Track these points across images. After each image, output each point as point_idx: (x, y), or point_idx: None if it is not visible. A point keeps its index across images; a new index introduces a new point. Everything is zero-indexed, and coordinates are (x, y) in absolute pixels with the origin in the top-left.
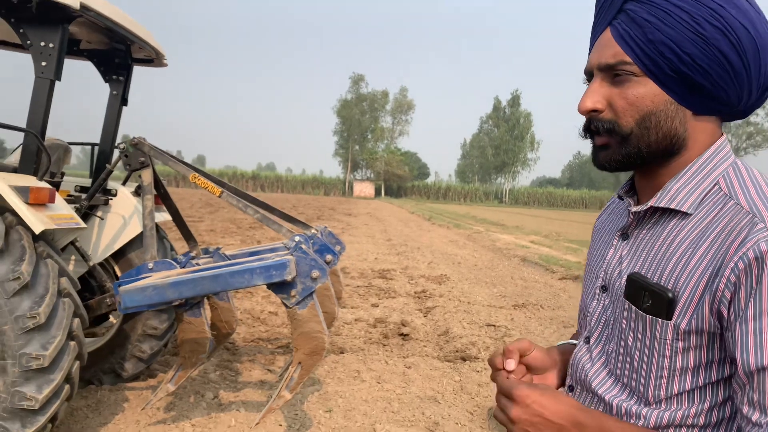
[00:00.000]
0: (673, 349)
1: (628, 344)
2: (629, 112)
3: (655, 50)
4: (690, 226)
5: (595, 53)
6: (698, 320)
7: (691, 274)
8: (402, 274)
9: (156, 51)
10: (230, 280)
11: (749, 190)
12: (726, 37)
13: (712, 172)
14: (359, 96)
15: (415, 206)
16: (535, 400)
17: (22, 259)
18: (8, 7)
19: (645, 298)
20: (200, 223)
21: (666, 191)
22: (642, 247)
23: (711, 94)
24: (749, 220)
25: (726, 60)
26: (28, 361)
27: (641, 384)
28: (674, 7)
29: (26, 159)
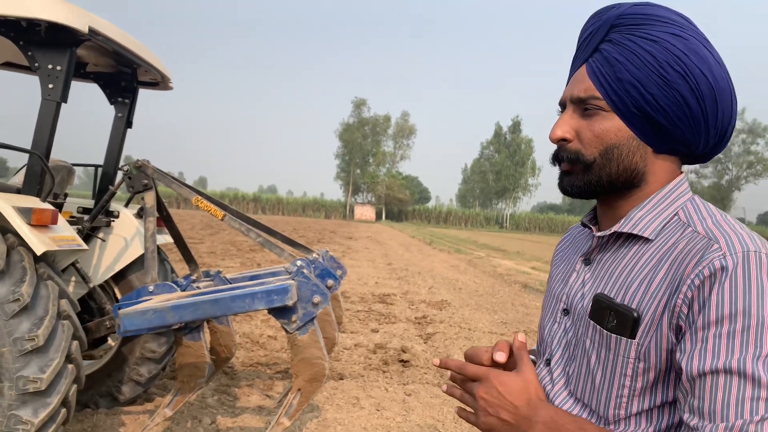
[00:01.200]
0: (634, 368)
1: (590, 364)
2: (594, 144)
3: (622, 88)
4: (652, 250)
5: (570, 86)
6: (658, 338)
7: (653, 294)
8: (402, 299)
9: (162, 74)
10: (231, 304)
11: (706, 220)
12: (687, 82)
13: (672, 204)
14: (361, 120)
15: (416, 230)
16: (500, 381)
17: (22, 280)
18: (17, 30)
19: (610, 318)
20: (201, 244)
21: (629, 219)
22: (605, 271)
23: (670, 133)
24: (705, 243)
25: (685, 103)
26: (25, 384)
27: (602, 403)
28: (642, 51)
29: (30, 180)
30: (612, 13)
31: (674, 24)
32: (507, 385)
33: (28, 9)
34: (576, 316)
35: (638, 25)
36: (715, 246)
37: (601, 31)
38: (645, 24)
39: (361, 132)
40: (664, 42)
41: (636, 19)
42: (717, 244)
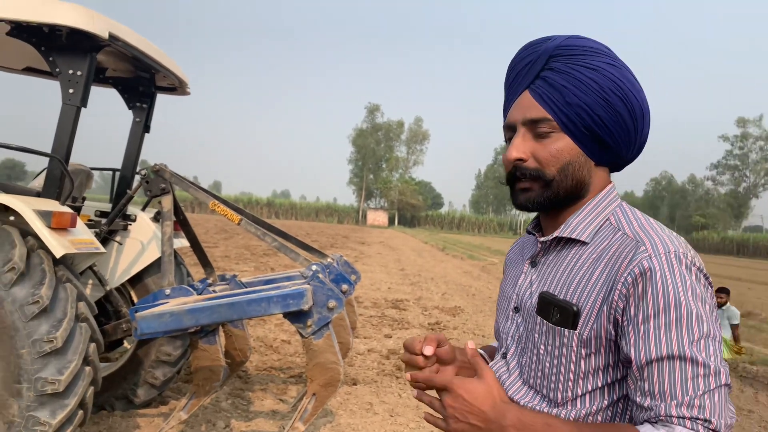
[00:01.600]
0: (577, 355)
1: (540, 354)
2: (552, 162)
3: (572, 111)
4: (588, 252)
5: (517, 111)
6: (597, 328)
7: (591, 290)
8: (415, 305)
9: (179, 79)
10: (247, 308)
11: (632, 223)
12: (624, 104)
13: (604, 211)
14: (374, 125)
15: (428, 236)
16: (466, 389)
17: (42, 282)
18: (39, 36)
19: (554, 313)
20: (215, 248)
21: (568, 225)
22: (549, 271)
23: (611, 148)
24: (634, 245)
25: (623, 122)
26: (44, 385)
27: (551, 388)
28: (586, 78)
29: (50, 184)
30: (549, 44)
31: (607, 55)
32: (471, 392)
33: (50, 15)
34: (526, 312)
35: (577, 56)
36: (642, 248)
37: (541, 60)
38: (582, 54)
39: (374, 137)
40: (603, 71)
41: (574, 50)
42: (644, 246)
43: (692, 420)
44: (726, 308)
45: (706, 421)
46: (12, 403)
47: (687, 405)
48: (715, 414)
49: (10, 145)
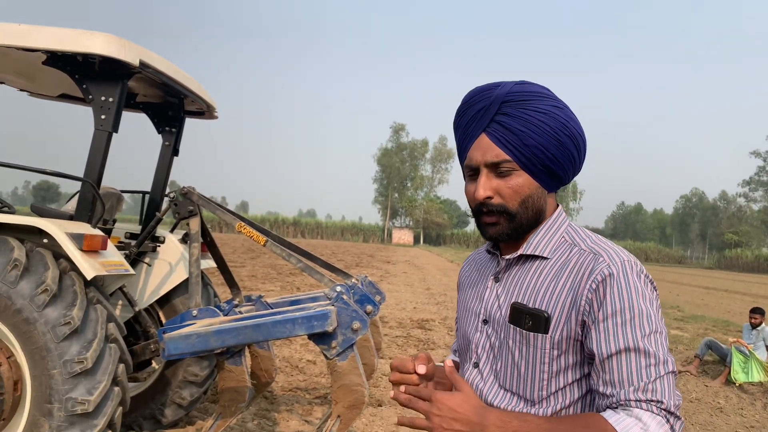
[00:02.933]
0: (550, 356)
1: (515, 359)
2: (514, 198)
3: (529, 152)
4: (550, 265)
5: (477, 153)
6: (567, 330)
7: (558, 298)
8: (441, 325)
9: (207, 104)
10: (272, 329)
11: (585, 240)
12: (572, 141)
13: (559, 230)
14: (399, 145)
15: (454, 255)
16: (448, 400)
17: (73, 304)
18: (73, 64)
19: (526, 320)
20: (242, 268)
21: (530, 244)
22: (514, 285)
23: (561, 179)
24: (593, 257)
25: (571, 155)
26: (74, 405)
27: (527, 388)
28: (538, 122)
29: (82, 207)
30: (499, 91)
31: (552, 98)
32: (454, 401)
33: (84, 45)
34: (496, 323)
35: (526, 101)
36: (600, 259)
37: (493, 106)
38: (530, 99)
39: (399, 156)
40: (552, 113)
41: (523, 95)
42: (602, 257)
43: (647, 402)
44: (761, 329)
45: (659, 402)
46: (43, 423)
47: (642, 390)
48: (665, 396)
49: (45, 170)
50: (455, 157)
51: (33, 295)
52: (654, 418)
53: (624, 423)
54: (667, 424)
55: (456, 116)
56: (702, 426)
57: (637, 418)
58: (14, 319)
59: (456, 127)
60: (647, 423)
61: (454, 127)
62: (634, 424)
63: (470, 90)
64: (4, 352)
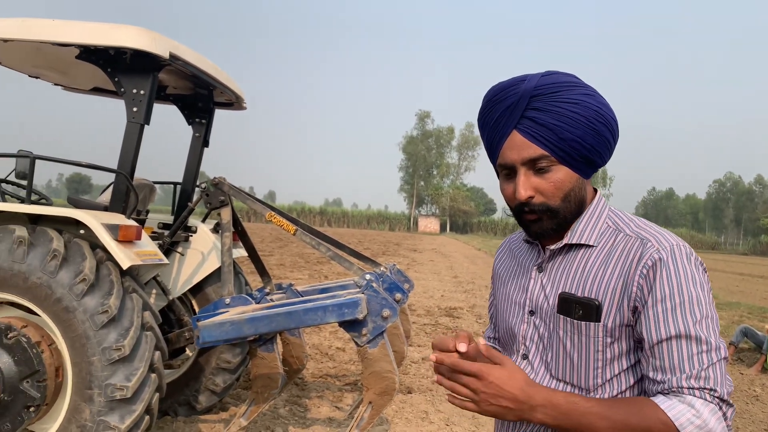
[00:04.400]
0: (603, 343)
1: (566, 349)
2: (556, 194)
3: (568, 146)
4: (596, 253)
5: (511, 151)
6: (620, 317)
7: (607, 285)
8: (469, 313)
9: (236, 95)
10: (304, 317)
11: (629, 224)
12: (607, 127)
13: (601, 216)
14: (425, 132)
15: (481, 242)
16: (495, 376)
17: (110, 293)
18: (105, 58)
19: (576, 310)
20: (270, 257)
21: (574, 232)
22: (560, 274)
23: (597, 164)
24: (640, 243)
25: (607, 141)
26: (113, 391)
27: (582, 377)
28: (572, 113)
29: (116, 198)
30: (526, 86)
31: (580, 86)
32: (501, 378)
33: (116, 38)
34: (543, 314)
35: (555, 93)
36: (649, 244)
37: (522, 101)
38: (560, 90)
39: (424, 144)
40: (584, 103)
41: (551, 87)
42: (650, 242)
43: (700, 390)
44: None
45: (712, 390)
46: (84, 408)
47: (695, 377)
48: (718, 383)
49: (80, 162)
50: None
51: (72, 285)
52: (707, 405)
53: (676, 409)
54: (719, 411)
55: (480, 115)
56: (738, 414)
57: (689, 405)
58: (55, 308)
59: (482, 125)
60: (700, 410)
61: (480, 125)
62: (686, 411)
63: (492, 87)
64: (46, 340)
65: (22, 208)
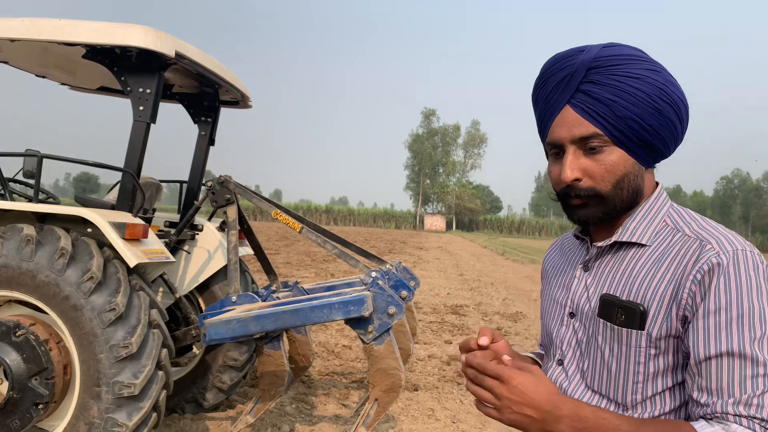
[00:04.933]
0: (646, 355)
1: (604, 357)
2: (607, 178)
3: (624, 124)
4: (648, 253)
5: (561, 128)
6: (668, 327)
7: (656, 290)
8: (475, 311)
9: (242, 93)
10: (310, 314)
11: (690, 224)
12: (672, 108)
13: (659, 213)
14: (430, 130)
15: (487, 240)
16: (520, 381)
17: (117, 291)
18: (112, 57)
19: (618, 314)
20: (277, 255)
21: (625, 229)
22: (606, 274)
23: (661, 152)
24: (699, 245)
25: (672, 126)
26: (121, 388)
27: (619, 391)
28: (632, 89)
29: (123, 197)
30: (585, 56)
31: (646, 60)
32: (526, 384)
33: (122, 37)
34: (584, 316)
35: (616, 65)
36: (708, 246)
37: (579, 73)
38: (622, 63)
39: (430, 142)
40: (647, 78)
41: (612, 60)
42: (709, 245)
43: (749, 419)
44: None
45: (763, 421)
46: (92, 405)
47: (745, 403)
48: None
49: (87, 161)
50: (488, 142)
51: (79, 283)
52: None
53: None
54: None
55: (534, 89)
56: None
57: None
58: (63, 306)
59: (535, 101)
60: None
61: (533, 101)
62: None
63: (549, 58)
64: (54, 338)
65: (30, 207)
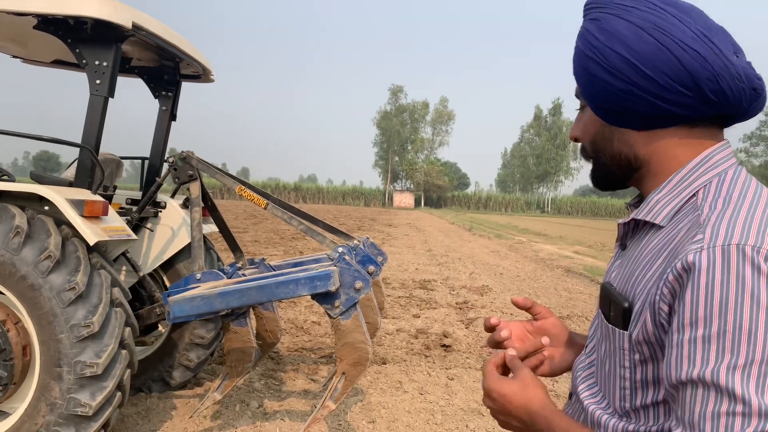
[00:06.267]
0: (631, 360)
1: (601, 354)
2: (585, 138)
3: (584, 75)
4: (659, 238)
5: None
6: (644, 331)
7: (645, 285)
8: (443, 285)
9: (203, 67)
10: (276, 290)
11: (716, 203)
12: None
13: (692, 184)
14: (399, 107)
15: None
16: (500, 394)
17: (77, 269)
18: (65, 28)
19: (611, 308)
20: (244, 233)
21: (647, 204)
22: (625, 258)
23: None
24: (694, 233)
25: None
26: (83, 368)
27: (611, 394)
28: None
29: (81, 173)
30: None
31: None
32: (506, 396)
33: (75, 7)
34: None
35: (592, 8)
36: (698, 236)
37: (584, 13)
38: (595, 7)
39: (398, 119)
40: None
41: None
42: (702, 234)
43: None
44: None
45: None
46: (53, 386)
47: None
48: None
49: (42, 136)
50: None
51: (37, 262)
52: None
53: None
54: None
55: None
56: None
57: None
58: (19, 286)
59: None
60: None
61: None
62: None
63: None
64: (12, 318)
65: None
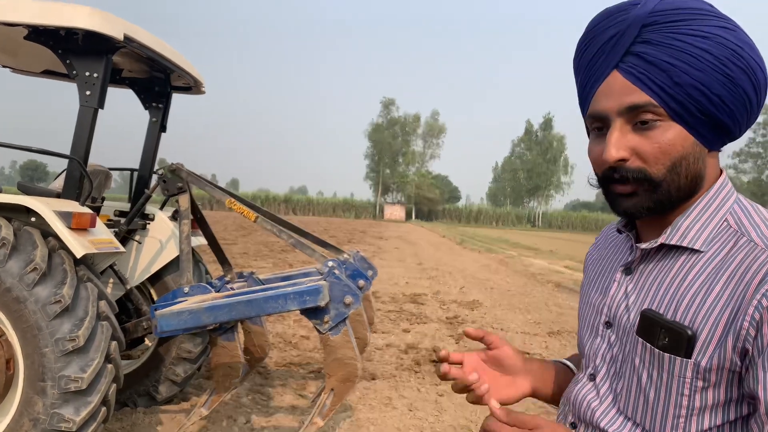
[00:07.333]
0: (692, 387)
1: (641, 382)
2: (661, 160)
3: (684, 93)
4: (702, 262)
5: (608, 98)
6: (720, 358)
7: (709, 311)
8: (433, 299)
9: (194, 79)
10: (264, 305)
11: (759, 226)
12: (748, 76)
13: (720, 209)
14: (390, 120)
15: (446, 230)
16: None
17: (63, 282)
18: (56, 38)
19: (661, 336)
20: (234, 245)
21: (675, 228)
22: (650, 283)
23: (729, 131)
24: (767, 258)
25: (747, 98)
26: (67, 383)
27: (657, 422)
28: (697, 50)
29: (69, 185)
30: (639, 11)
31: (716, 16)
32: None
33: (66, 18)
34: (621, 330)
35: (677, 21)
36: None
37: (631, 31)
38: (686, 19)
39: (390, 132)
40: (717, 37)
41: (673, 14)
42: None
43: None
44: None
45: None
46: (37, 401)
47: None
48: None
49: (31, 147)
50: (447, 132)
51: (22, 274)
52: None
53: None
54: None
55: (576, 54)
56: None
57: None
58: (4, 298)
59: (576, 68)
60: None
61: (574, 68)
62: None
63: (596, 14)
64: None
65: None
